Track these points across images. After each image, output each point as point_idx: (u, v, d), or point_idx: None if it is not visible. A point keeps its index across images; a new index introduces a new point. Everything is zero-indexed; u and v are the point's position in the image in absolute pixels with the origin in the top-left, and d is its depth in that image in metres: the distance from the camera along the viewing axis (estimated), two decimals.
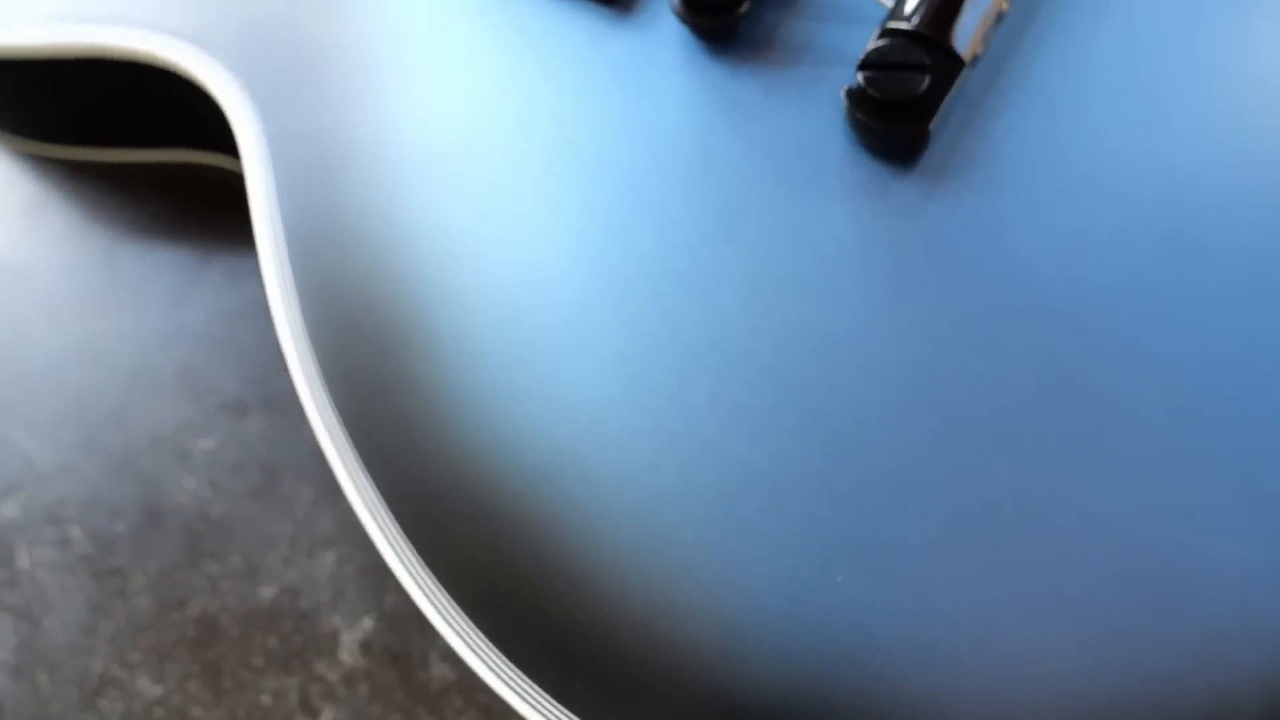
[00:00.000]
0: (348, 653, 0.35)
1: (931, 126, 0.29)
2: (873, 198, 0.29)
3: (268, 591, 0.36)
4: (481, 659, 0.28)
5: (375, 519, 0.29)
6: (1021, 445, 0.27)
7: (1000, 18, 0.30)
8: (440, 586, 0.28)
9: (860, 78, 0.29)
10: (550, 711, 0.27)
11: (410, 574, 0.28)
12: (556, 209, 0.30)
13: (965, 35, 0.29)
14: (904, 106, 0.29)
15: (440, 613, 0.28)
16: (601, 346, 0.29)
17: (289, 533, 0.37)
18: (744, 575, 0.27)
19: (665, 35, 0.32)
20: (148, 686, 0.35)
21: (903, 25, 0.29)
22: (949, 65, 0.29)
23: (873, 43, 0.29)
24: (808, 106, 0.30)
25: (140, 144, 0.39)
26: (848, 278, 0.29)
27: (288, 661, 0.35)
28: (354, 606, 0.36)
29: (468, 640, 0.28)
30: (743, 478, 0.28)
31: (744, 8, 0.31)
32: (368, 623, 0.36)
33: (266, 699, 0.35)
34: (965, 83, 0.30)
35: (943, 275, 0.29)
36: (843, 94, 0.30)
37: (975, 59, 0.30)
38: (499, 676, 0.27)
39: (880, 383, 0.28)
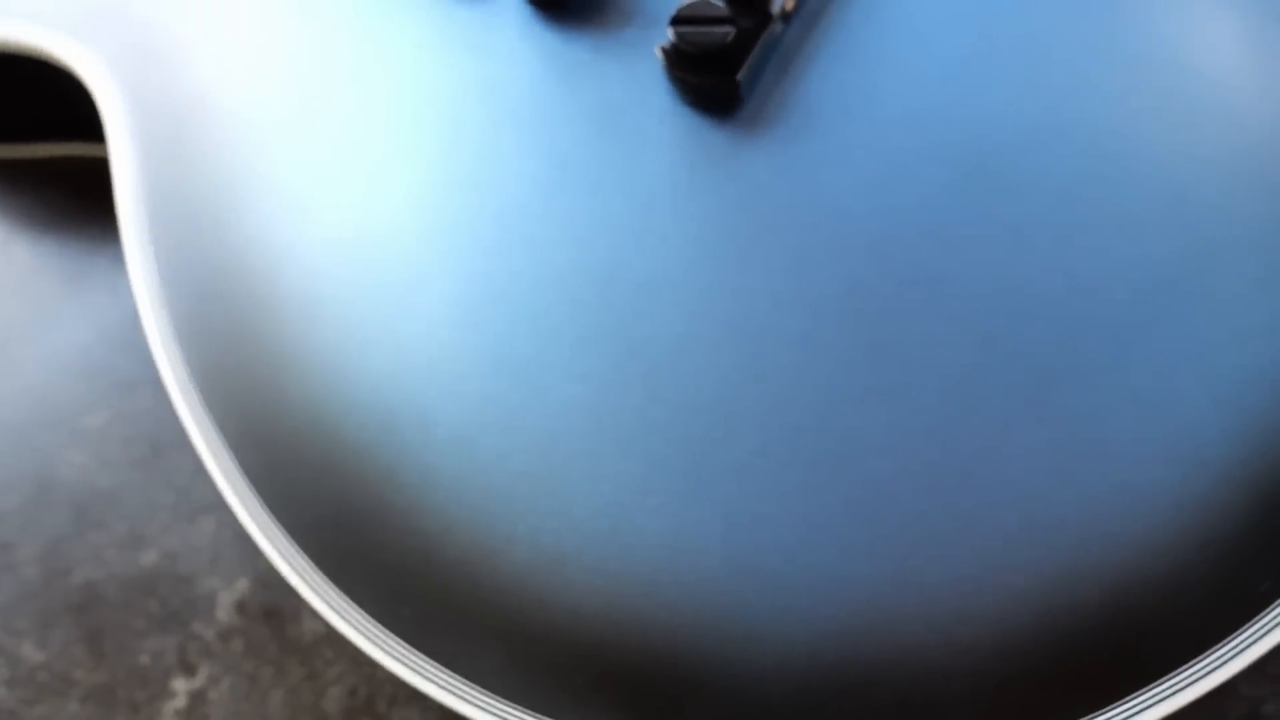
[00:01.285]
0: (224, 612, 0.37)
1: (741, 77, 0.30)
2: (691, 147, 0.31)
3: (149, 557, 0.38)
4: (319, 594, 0.29)
5: (218, 463, 0.30)
6: (831, 370, 0.29)
7: None
8: (283, 530, 0.30)
9: (671, 33, 0.30)
10: (383, 641, 0.28)
11: (250, 514, 0.30)
12: (394, 166, 0.32)
13: None
14: (712, 59, 0.30)
15: (280, 553, 0.29)
16: (435, 296, 0.30)
17: (170, 501, 0.38)
18: (564, 504, 0.28)
19: (504, 5, 0.33)
20: (31, 652, 0.37)
21: None
22: (756, 19, 0.31)
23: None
24: (634, 64, 0.32)
25: (26, 139, 0.41)
26: (669, 222, 0.30)
27: (166, 623, 0.37)
28: (231, 568, 0.37)
29: (306, 579, 0.29)
30: (563, 413, 0.29)
31: None
32: (243, 584, 0.37)
33: (145, 659, 0.36)
34: (781, 36, 0.32)
35: (755, 215, 0.30)
36: (657, 50, 0.31)
37: (788, 14, 0.31)
38: (333, 608, 0.29)
39: (700, 318, 0.29)
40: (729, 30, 0.30)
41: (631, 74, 0.32)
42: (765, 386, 0.29)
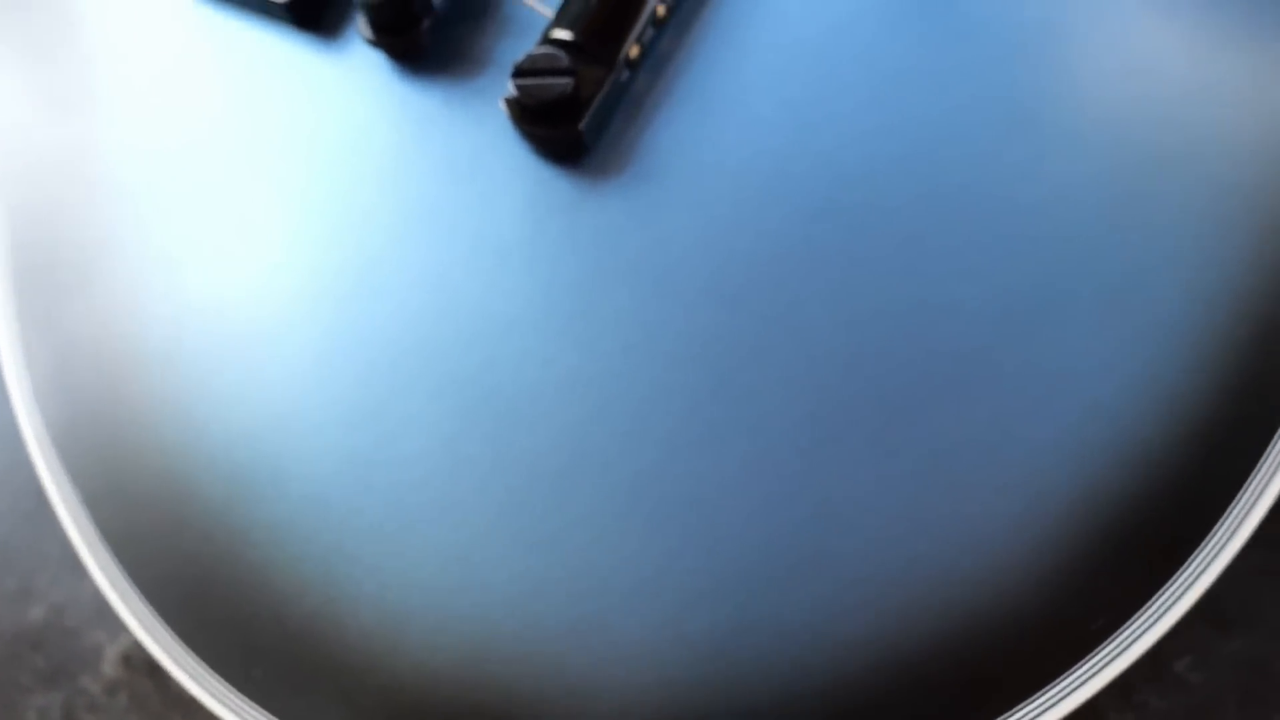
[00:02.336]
0: (110, 665, 0.37)
1: (584, 128, 0.31)
2: (540, 197, 0.31)
3: (37, 611, 0.38)
4: (173, 657, 0.29)
5: (74, 521, 0.30)
6: (677, 419, 0.29)
7: (657, 22, 0.32)
8: (136, 588, 0.30)
9: (512, 86, 0.31)
10: (233, 702, 0.29)
11: (104, 572, 0.30)
12: (246, 222, 0.32)
13: (616, 40, 0.31)
14: (554, 111, 0.30)
15: (131, 611, 0.29)
16: (287, 352, 0.31)
17: (58, 553, 0.38)
18: (410, 562, 0.29)
19: (363, 57, 0.34)
20: None
21: (558, 34, 0.31)
22: (600, 68, 0.31)
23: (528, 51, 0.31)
24: (484, 113, 0.32)
25: None
26: (518, 274, 0.30)
27: (54, 677, 0.37)
28: (116, 621, 0.37)
29: (157, 638, 0.29)
30: (411, 469, 0.29)
31: (425, 25, 0.33)
32: (128, 636, 0.37)
33: (32, 716, 0.36)
34: (629, 82, 0.32)
35: (603, 265, 0.30)
36: (501, 102, 0.31)
37: (634, 61, 0.32)
38: (186, 671, 0.29)
39: (547, 370, 0.29)
40: (569, 82, 0.30)
41: (482, 123, 0.32)
42: (612, 438, 0.29)
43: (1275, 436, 0.29)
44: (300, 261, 0.31)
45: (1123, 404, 0.28)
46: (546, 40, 0.31)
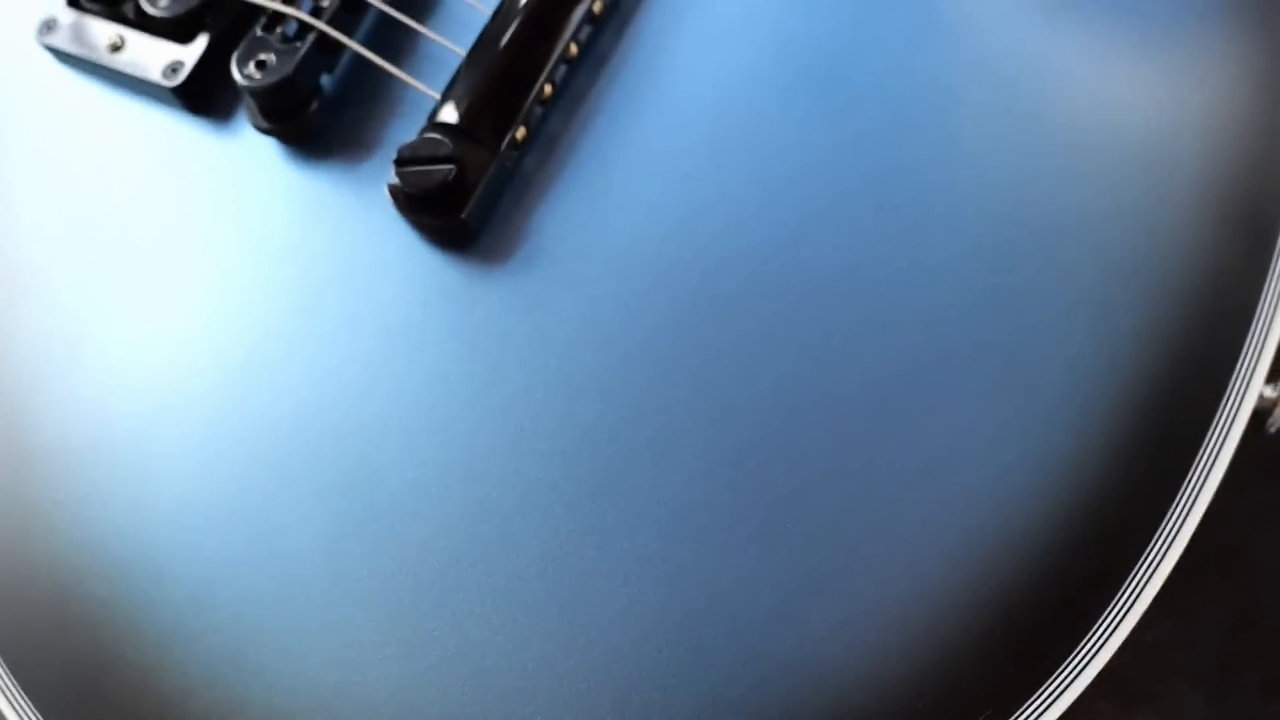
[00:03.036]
0: None
1: (468, 216, 0.30)
2: (426, 285, 0.31)
3: None
4: None
5: None
6: (559, 514, 0.28)
7: (545, 101, 0.32)
8: (20, 691, 0.29)
9: (394, 174, 0.30)
10: None
11: None
12: (138, 315, 0.32)
13: (503, 123, 0.31)
14: (436, 200, 0.30)
15: (18, 714, 0.29)
16: (171, 450, 0.30)
17: None
18: (296, 662, 0.28)
19: (254, 140, 0.33)
20: None
21: (442, 117, 0.31)
22: (484, 153, 0.31)
23: (413, 138, 0.31)
24: (373, 198, 0.32)
25: None
26: (402, 367, 0.30)
27: None
28: None
29: None
30: (294, 568, 0.29)
31: (314, 108, 0.32)
32: None
33: None
34: (517, 163, 0.31)
35: (489, 356, 0.30)
36: (386, 190, 0.31)
37: (521, 142, 0.31)
38: None
39: (430, 466, 0.29)
40: (450, 169, 0.30)
41: (371, 208, 0.32)
42: (494, 537, 0.28)
43: (1167, 513, 0.29)
44: (184, 356, 0.31)
45: (1005, 490, 0.28)
46: (431, 124, 0.31)
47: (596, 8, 0.32)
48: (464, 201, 0.30)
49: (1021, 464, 0.28)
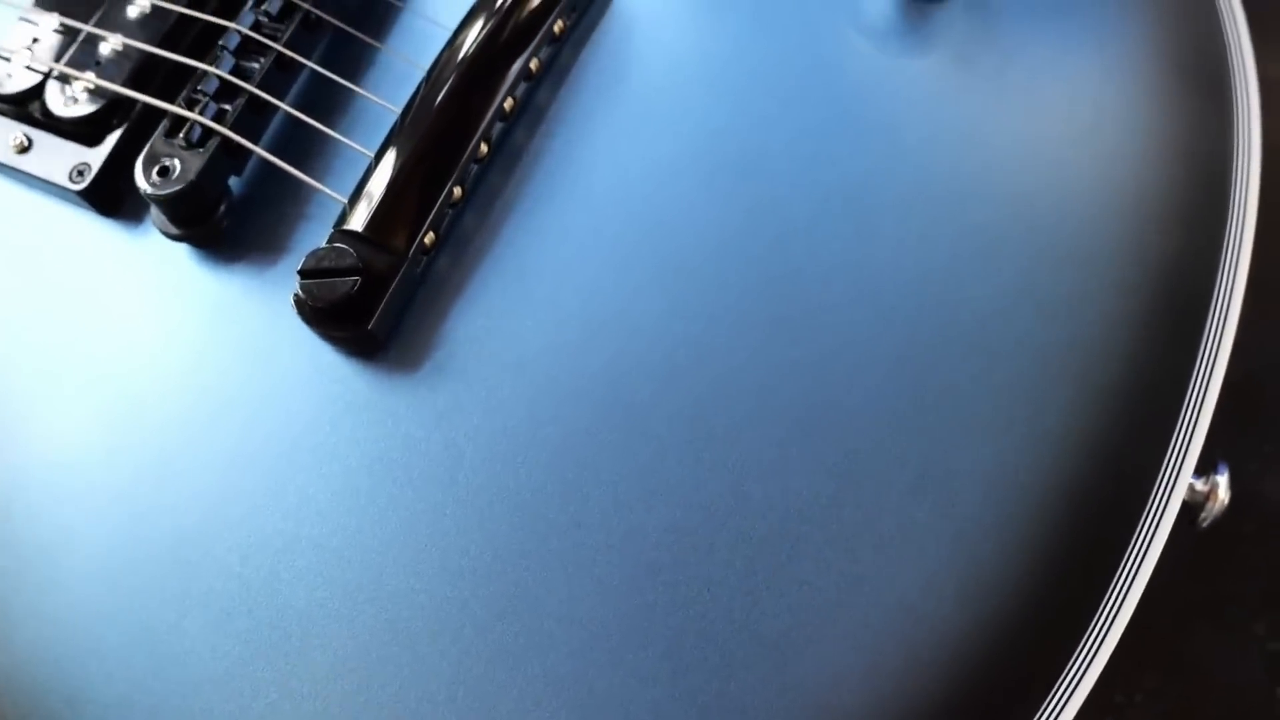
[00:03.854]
0: None
1: (374, 327, 0.29)
2: (334, 394, 0.30)
3: None
4: None
5: None
6: (462, 643, 0.28)
7: (455, 205, 0.31)
8: None
9: (298, 285, 0.29)
10: None
11: None
12: (41, 423, 0.31)
13: (409, 230, 0.30)
14: (342, 311, 0.29)
15: None
16: (78, 567, 0.29)
17: None
18: None
19: (163, 243, 0.33)
20: None
21: (348, 225, 0.30)
22: (390, 260, 0.30)
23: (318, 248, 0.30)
24: (281, 305, 0.31)
25: None
26: (307, 479, 0.29)
27: None
28: None
29: None
30: (202, 690, 0.28)
31: (221, 212, 0.32)
32: None
33: None
34: (427, 268, 0.31)
35: (393, 471, 0.29)
36: (292, 300, 0.30)
37: (429, 248, 0.31)
38: None
39: (333, 587, 0.28)
40: (355, 280, 0.29)
41: (278, 314, 0.31)
42: (397, 667, 0.27)
43: (1091, 623, 0.28)
44: (87, 471, 0.30)
45: (925, 603, 0.27)
46: (337, 232, 0.30)
47: (508, 105, 0.32)
48: (370, 313, 0.29)
49: (941, 574, 0.27)
